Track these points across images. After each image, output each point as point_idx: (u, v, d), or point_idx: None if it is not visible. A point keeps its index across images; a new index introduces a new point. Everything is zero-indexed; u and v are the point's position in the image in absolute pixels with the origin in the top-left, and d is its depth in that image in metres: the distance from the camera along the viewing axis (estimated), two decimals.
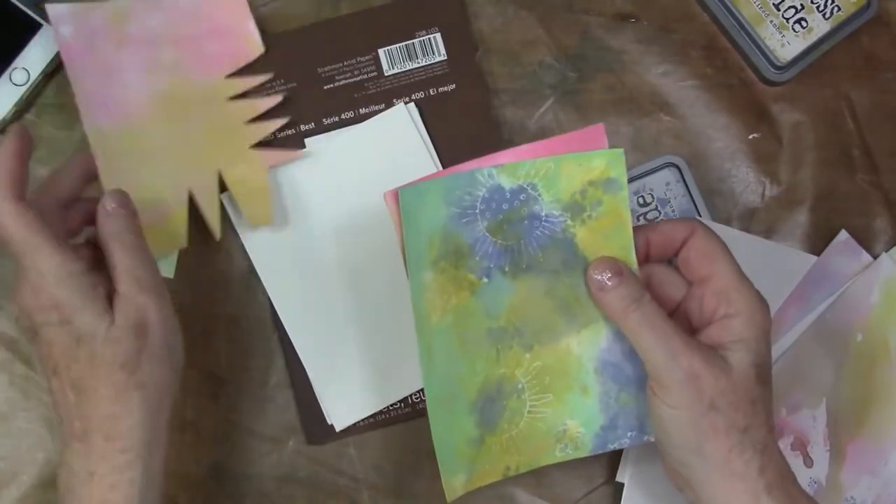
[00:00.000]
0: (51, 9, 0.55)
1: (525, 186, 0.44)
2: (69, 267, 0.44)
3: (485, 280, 0.45)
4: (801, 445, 0.57)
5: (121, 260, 0.46)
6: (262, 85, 0.58)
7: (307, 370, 0.57)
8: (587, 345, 0.46)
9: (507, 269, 0.45)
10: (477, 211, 0.44)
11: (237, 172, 0.56)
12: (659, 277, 0.47)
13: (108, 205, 0.47)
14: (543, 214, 0.45)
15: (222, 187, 0.56)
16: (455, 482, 0.46)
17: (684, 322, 0.47)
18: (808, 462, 0.56)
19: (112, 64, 0.56)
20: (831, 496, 0.56)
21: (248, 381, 0.58)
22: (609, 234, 0.45)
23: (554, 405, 0.47)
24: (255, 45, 0.58)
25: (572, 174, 0.44)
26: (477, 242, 0.45)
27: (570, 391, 0.46)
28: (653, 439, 0.47)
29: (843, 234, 0.58)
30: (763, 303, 0.45)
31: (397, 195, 0.44)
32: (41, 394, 0.57)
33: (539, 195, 0.44)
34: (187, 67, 0.57)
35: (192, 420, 0.57)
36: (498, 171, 0.44)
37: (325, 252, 0.57)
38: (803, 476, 0.56)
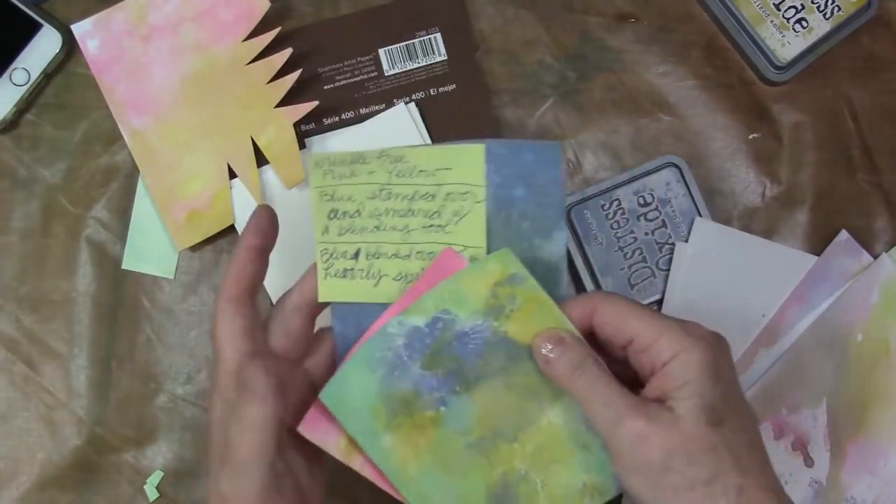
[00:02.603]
0: (76, 28, 0.58)
1: (438, 315, 0.44)
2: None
3: (443, 409, 0.44)
4: (801, 445, 0.57)
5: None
6: (272, 43, 0.58)
7: None
8: (568, 411, 0.45)
9: (458, 389, 0.44)
10: (404, 359, 0.44)
11: (268, 135, 0.57)
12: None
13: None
14: (468, 330, 0.44)
15: (255, 154, 0.58)
16: None
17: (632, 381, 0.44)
18: (809, 462, 0.56)
19: (141, 61, 0.58)
20: (832, 496, 0.56)
21: None
22: (536, 317, 0.44)
23: (565, 472, 0.46)
24: (262, 0, 0.58)
25: (475, 285, 0.44)
26: (418, 384, 0.44)
27: (574, 454, 0.45)
28: None
29: (844, 234, 0.58)
30: (696, 337, 0.41)
31: (319, 410, 0.43)
32: (41, 394, 0.57)
33: (455, 316, 0.44)
34: (208, 42, 0.58)
35: (193, 419, 0.58)
36: (405, 316, 0.44)
37: None
38: (804, 476, 0.56)
